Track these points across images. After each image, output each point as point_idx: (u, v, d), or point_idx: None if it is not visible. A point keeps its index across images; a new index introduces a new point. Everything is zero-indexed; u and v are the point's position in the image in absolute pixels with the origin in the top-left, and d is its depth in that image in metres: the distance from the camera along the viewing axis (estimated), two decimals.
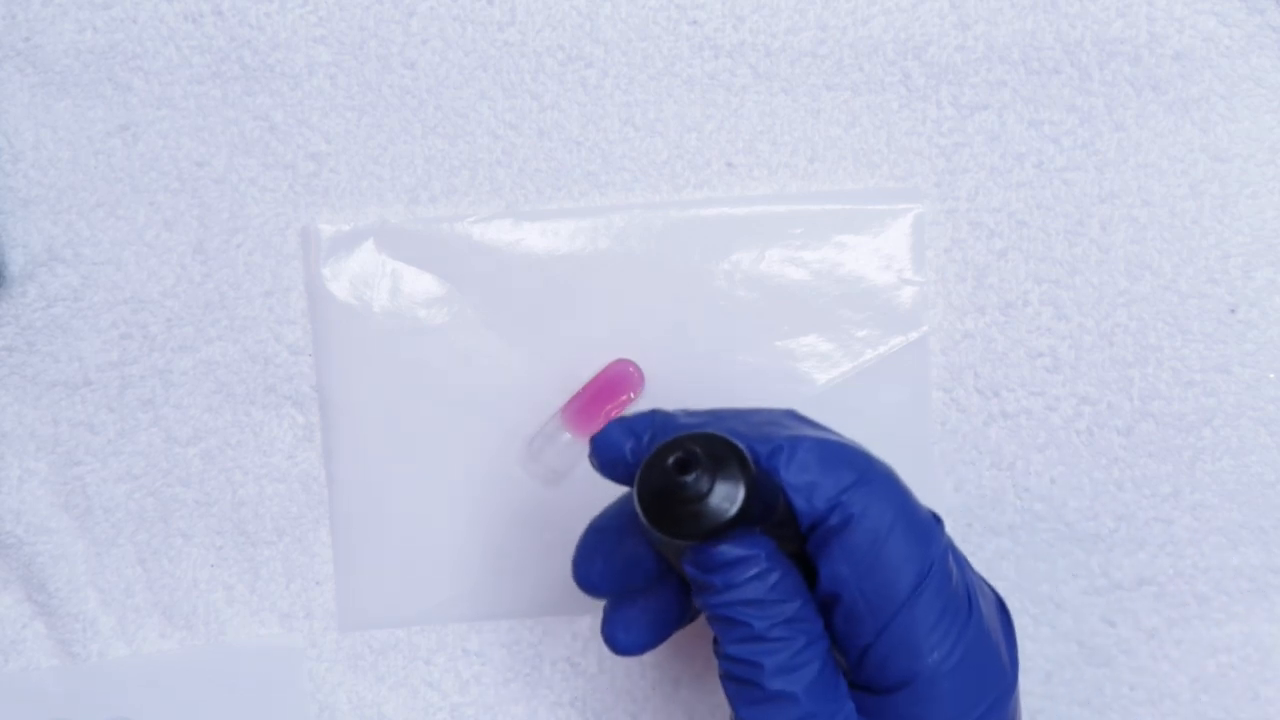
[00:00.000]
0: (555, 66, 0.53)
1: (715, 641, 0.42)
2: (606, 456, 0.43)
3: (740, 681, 0.41)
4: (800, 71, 0.53)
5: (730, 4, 0.53)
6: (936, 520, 0.43)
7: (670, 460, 0.39)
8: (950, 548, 0.43)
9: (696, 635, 0.49)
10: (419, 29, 0.53)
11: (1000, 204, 0.53)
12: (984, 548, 0.53)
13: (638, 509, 0.40)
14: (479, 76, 0.53)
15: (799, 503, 0.41)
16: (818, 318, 0.53)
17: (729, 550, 0.40)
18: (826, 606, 0.42)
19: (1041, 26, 0.52)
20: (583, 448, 0.53)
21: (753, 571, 0.40)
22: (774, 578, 0.40)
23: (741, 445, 0.40)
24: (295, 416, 0.54)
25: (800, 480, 0.41)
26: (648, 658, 0.54)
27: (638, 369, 0.53)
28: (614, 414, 0.52)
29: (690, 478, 0.39)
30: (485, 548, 0.54)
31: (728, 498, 0.39)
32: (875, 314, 0.53)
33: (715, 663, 0.43)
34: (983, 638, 0.42)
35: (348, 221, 0.54)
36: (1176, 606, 0.53)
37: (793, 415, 0.44)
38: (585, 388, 0.53)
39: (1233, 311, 0.52)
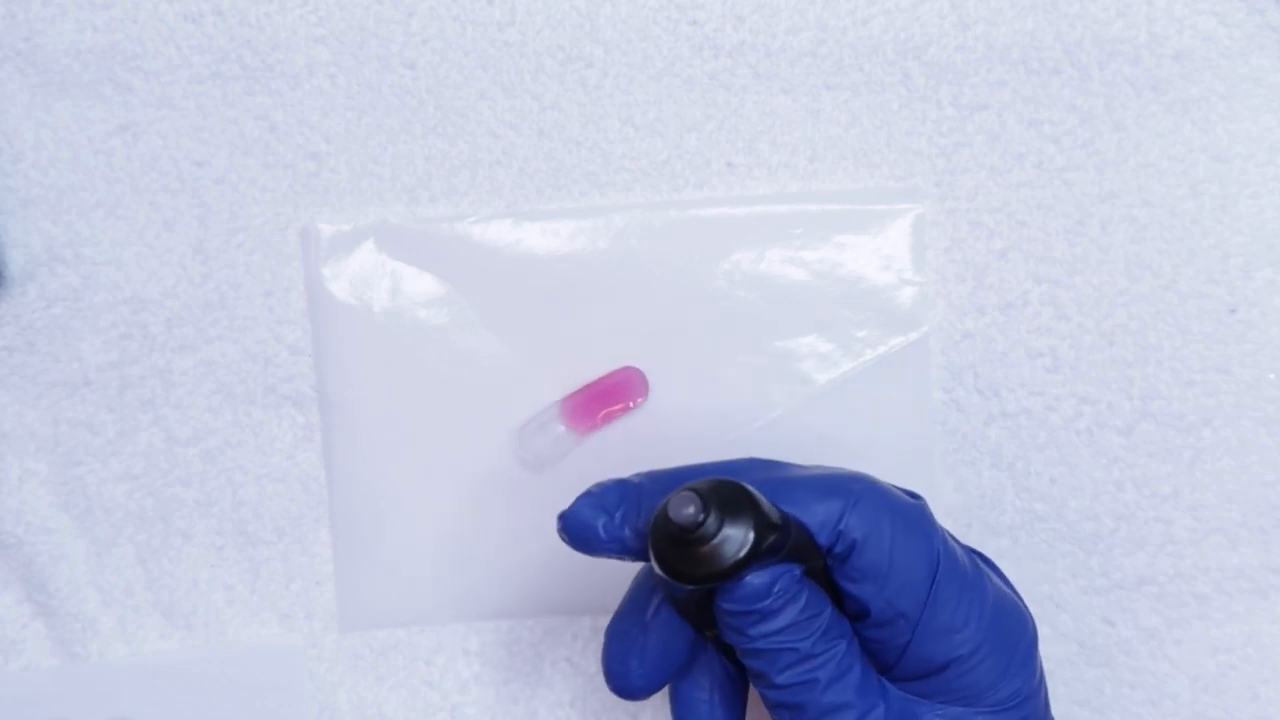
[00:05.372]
0: (555, 66, 0.53)
1: (758, 678, 0.42)
2: (578, 534, 0.43)
3: (795, 707, 0.42)
4: (800, 71, 0.53)
5: (730, 4, 0.53)
6: (915, 497, 0.44)
7: (680, 509, 0.39)
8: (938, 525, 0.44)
9: None
10: (419, 29, 0.53)
11: (1000, 204, 0.53)
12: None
13: (654, 564, 0.40)
14: (479, 76, 0.53)
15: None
16: (818, 318, 0.53)
17: (755, 579, 0.41)
18: (858, 618, 0.42)
19: (1041, 26, 0.52)
20: (574, 442, 0.53)
21: (785, 595, 0.41)
22: (804, 596, 0.41)
23: (746, 484, 0.40)
24: (295, 416, 0.54)
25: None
26: None
27: (644, 379, 0.53)
28: (610, 417, 0.52)
29: (701, 519, 0.39)
30: (485, 548, 0.54)
31: (740, 535, 0.39)
32: (875, 314, 0.53)
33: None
34: (1001, 595, 0.44)
35: (348, 221, 0.53)
36: (1176, 606, 0.53)
37: (756, 461, 0.44)
38: (590, 385, 0.53)
39: (1233, 312, 0.52)
